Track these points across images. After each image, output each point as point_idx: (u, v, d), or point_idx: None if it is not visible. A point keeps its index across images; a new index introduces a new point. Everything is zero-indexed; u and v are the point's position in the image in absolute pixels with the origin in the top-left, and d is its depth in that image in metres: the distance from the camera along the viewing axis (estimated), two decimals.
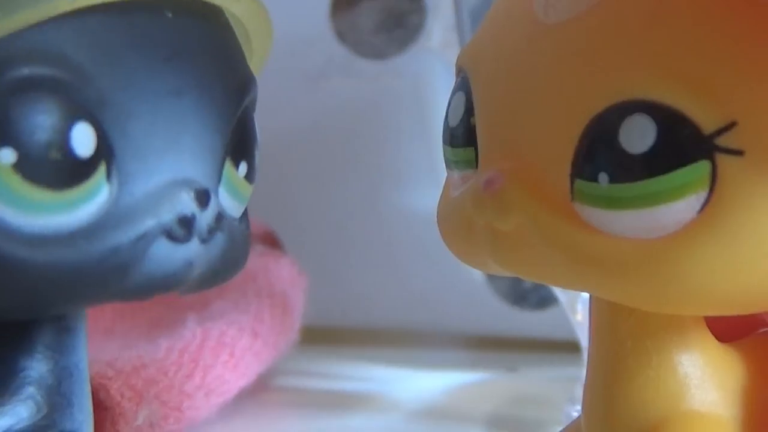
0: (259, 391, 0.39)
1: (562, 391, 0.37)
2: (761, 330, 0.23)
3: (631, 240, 0.19)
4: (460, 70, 0.22)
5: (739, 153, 0.18)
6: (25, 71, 0.20)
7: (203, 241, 0.23)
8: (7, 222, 0.20)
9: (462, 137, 0.21)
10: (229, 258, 0.24)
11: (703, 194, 0.18)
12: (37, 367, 0.23)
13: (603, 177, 0.19)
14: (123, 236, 0.21)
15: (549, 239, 0.20)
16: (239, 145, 0.24)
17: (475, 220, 0.20)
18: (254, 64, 0.26)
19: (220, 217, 0.23)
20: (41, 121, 0.20)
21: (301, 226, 0.48)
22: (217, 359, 0.36)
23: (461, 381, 0.43)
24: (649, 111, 0.18)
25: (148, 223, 0.22)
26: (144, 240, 0.22)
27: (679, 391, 0.21)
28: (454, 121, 0.21)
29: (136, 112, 0.22)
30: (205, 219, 0.22)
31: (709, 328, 0.21)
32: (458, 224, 0.21)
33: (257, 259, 0.43)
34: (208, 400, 0.35)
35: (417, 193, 0.47)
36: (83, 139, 0.21)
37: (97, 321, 0.43)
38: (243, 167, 0.24)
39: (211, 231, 0.23)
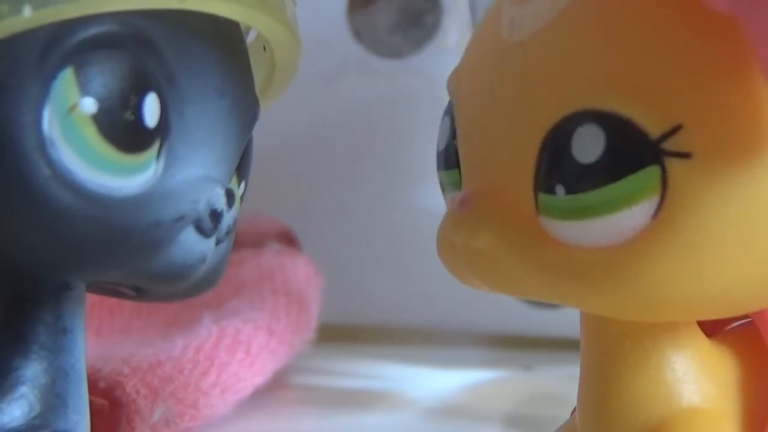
0: (275, 388, 0.39)
1: (576, 389, 0.37)
2: (735, 324, 0.23)
3: (591, 249, 0.19)
4: (449, 94, 0.22)
5: (686, 156, 0.18)
6: (107, 28, 0.21)
7: (218, 242, 0.23)
8: (75, 173, 0.21)
9: (449, 160, 0.22)
10: (219, 270, 0.24)
11: (655, 199, 0.19)
12: (31, 366, 0.23)
13: (560, 188, 0.19)
14: (165, 213, 0.22)
15: (516, 254, 0.20)
16: (243, 164, 0.25)
17: (455, 240, 0.21)
18: (267, 97, 0.27)
19: (234, 224, 0.24)
20: (123, 79, 0.21)
21: (318, 225, 0.49)
22: (233, 357, 0.36)
23: (477, 379, 0.43)
24: (597, 120, 0.19)
25: (186, 207, 0.22)
26: (181, 222, 0.22)
27: (680, 389, 0.21)
28: (442, 145, 0.22)
29: (191, 98, 0.22)
30: (227, 220, 0.23)
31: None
32: (444, 245, 0.21)
33: (274, 258, 0.43)
34: (224, 397, 0.35)
35: (433, 192, 0.47)
36: (152, 110, 0.22)
37: (114, 319, 0.43)
38: (242, 186, 0.25)
39: (228, 233, 0.24)
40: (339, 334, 0.46)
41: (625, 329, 0.21)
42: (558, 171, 0.19)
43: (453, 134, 0.21)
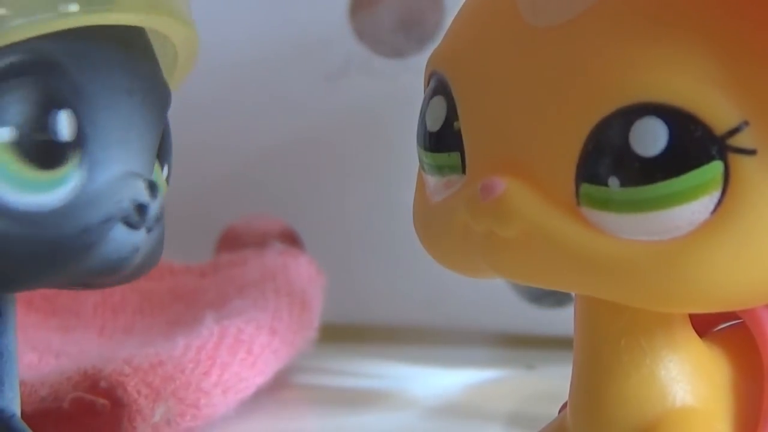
0: (278, 388, 0.39)
1: None
2: (725, 324, 0.23)
3: (642, 242, 0.19)
4: (434, 73, 0.22)
5: (752, 152, 0.18)
6: (15, 59, 0.22)
7: (149, 230, 0.24)
8: (3, 198, 0.22)
9: (445, 142, 0.21)
10: (157, 252, 0.25)
11: (716, 194, 0.19)
12: None
13: (613, 181, 0.19)
14: (91, 218, 0.23)
15: (557, 245, 0.19)
16: (163, 149, 0.26)
17: (472, 227, 0.20)
18: (174, 80, 0.28)
19: (161, 209, 0.25)
20: (35, 104, 0.22)
21: (320, 225, 0.49)
22: (235, 357, 0.36)
23: (480, 378, 0.43)
24: (659, 113, 0.18)
25: (112, 208, 0.23)
26: (108, 223, 0.23)
27: (674, 388, 0.21)
28: (435, 126, 0.21)
29: (102, 104, 0.23)
30: (153, 209, 0.24)
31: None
32: (447, 230, 0.21)
33: (276, 257, 0.43)
34: (226, 397, 0.35)
35: None
36: (66, 125, 0.23)
37: (118, 319, 0.43)
38: (165, 170, 0.26)
39: (158, 220, 0.25)
40: (341, 334, 0.46)
41: (622, 328, 0.21)
42: (612, 163, 0.19)
43: (449, 116, 0.21)
